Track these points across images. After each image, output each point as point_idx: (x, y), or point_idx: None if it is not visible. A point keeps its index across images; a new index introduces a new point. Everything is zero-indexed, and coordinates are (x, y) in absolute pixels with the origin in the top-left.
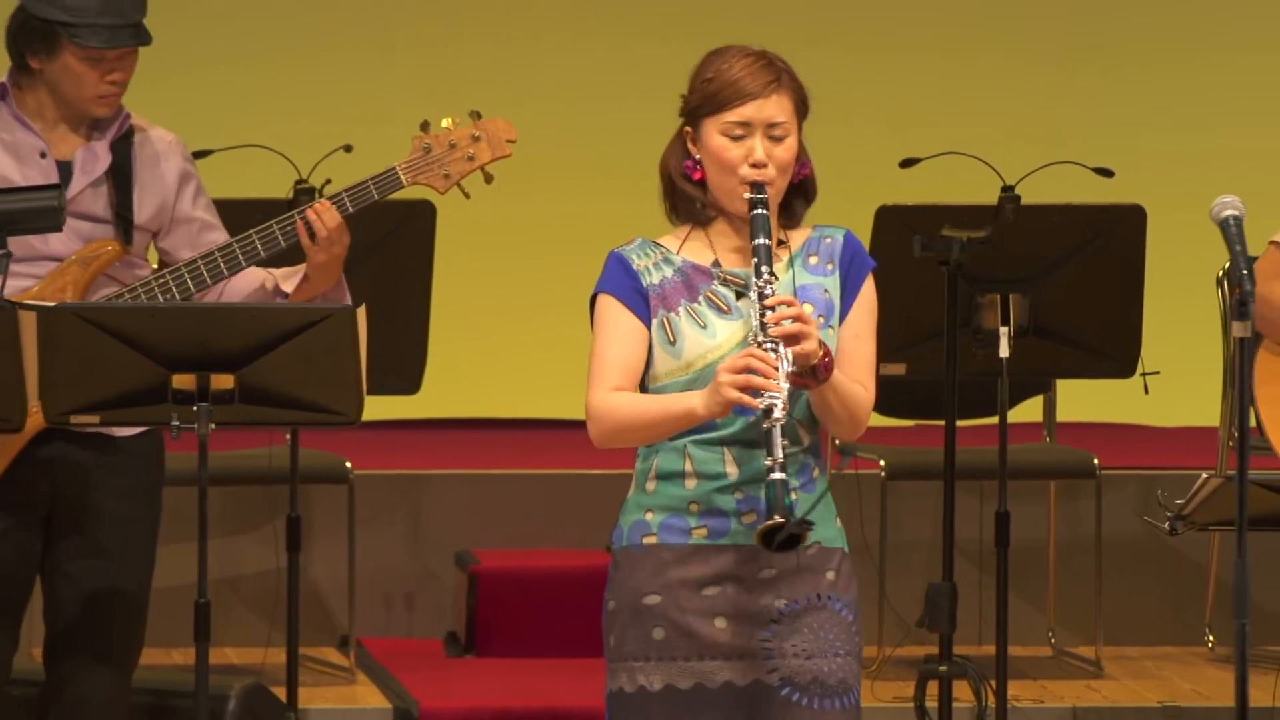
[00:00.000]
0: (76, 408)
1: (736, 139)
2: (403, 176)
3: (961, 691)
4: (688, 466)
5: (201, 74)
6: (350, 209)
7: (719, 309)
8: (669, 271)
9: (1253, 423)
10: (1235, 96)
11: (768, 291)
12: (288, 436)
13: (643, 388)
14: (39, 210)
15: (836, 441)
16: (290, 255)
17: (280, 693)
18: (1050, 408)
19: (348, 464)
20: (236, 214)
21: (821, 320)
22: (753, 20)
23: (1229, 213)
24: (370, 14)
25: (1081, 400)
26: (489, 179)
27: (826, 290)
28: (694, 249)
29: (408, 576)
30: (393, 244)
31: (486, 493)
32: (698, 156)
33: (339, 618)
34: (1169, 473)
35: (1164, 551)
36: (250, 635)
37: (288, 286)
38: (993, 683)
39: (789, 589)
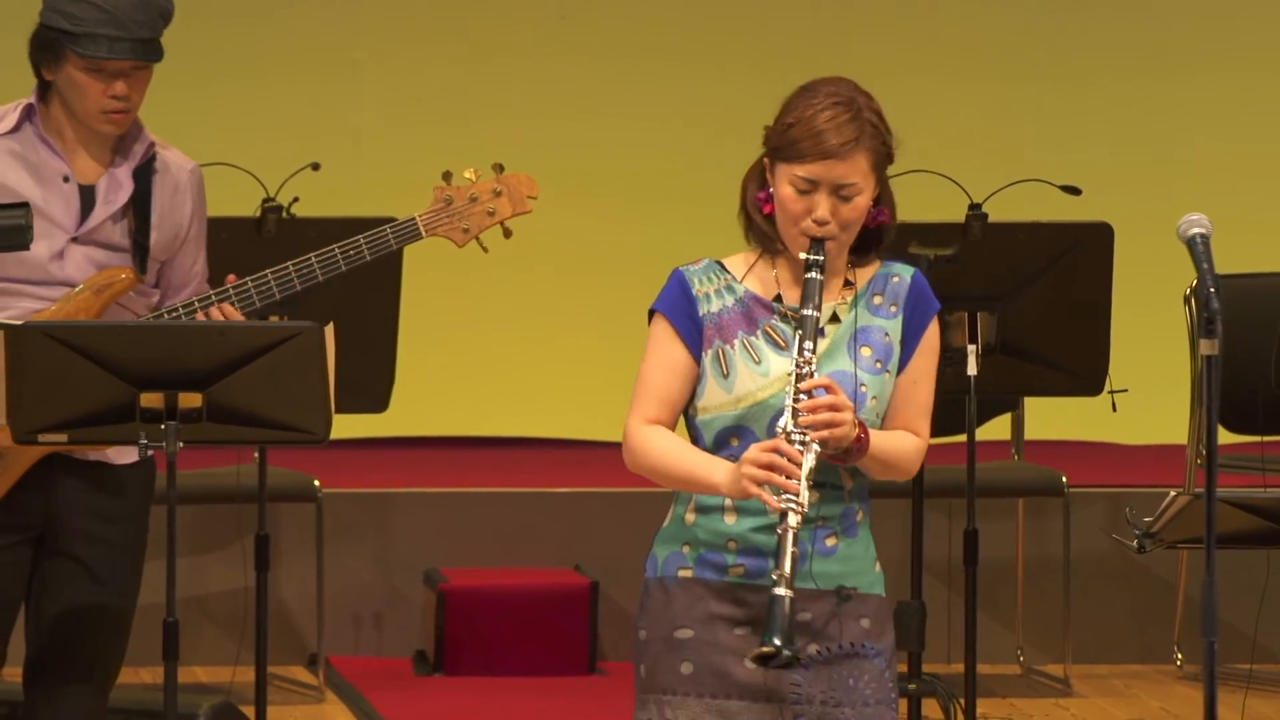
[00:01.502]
0: (44, 426)
1: (803, 192)
2: (422, 229)
3: (931, 710)
4: (729, 501)
5: (169, 92)
6: (368, 257)
7: (776, 344)
8: (730, 300)
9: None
10: (1203, 115)
11: (805, 372)
12: (256, 455)
13: (688, 416)
14: (6, 229)
15: None
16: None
17: (249, 712)
18: (1018, 426)
19: (316, 482)
20: (214, 232)
21: (879, 365)
22: (728, 38)
23: (1196, 230)
24: (338, 33)
25: (1049, 418)
26: (508, 234)
27: (887, 334)
28: (759, 278)
29: (376, 595)
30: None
31: (455, 511)
32: (771, 190)
33: (308, 636)
34: (1137, 490)
35: (1132, 569)
36: (219, 654)
37: None
38: (962, 701)
39: (822, 635)
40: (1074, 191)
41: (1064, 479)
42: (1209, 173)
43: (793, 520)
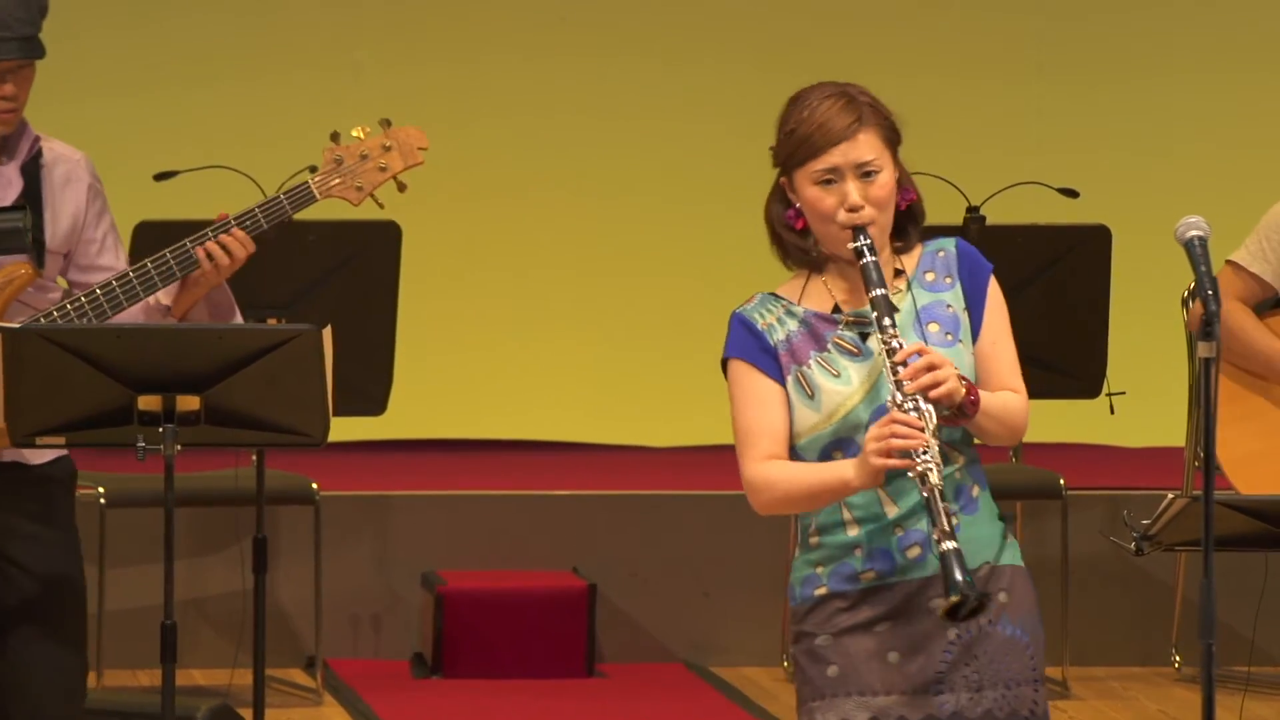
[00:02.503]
0: (42, 429)
1: (829, 186)
2: (315, 190)
3: None
4: (846, 515)
5: (166, 93)
6: (265, 225)
7: (849, 353)
8: (793, 325)
9: None
10: (1201, 117)
11: (895, 345)
12: (254, 457)
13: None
14: (5, 232)
15: None
16: None
17: (247, 714)
18: None
19: (314, 485)
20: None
21: (950, 338)
22: (717, 41)
23: (1194, 233)
24: (336, 34)
25: (1047, 421)
26: (402, 188)
27: (949, 305)
28: (814, 297)
29: (374, 597)
30: (358, 264)
31: (453, 513)
32: (797, 205)
33: (305, 639)
34: (1135, 493)
35: (1130, 572)
36: (217, 657)
37: (168, 300)
38: None
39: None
40: (1072, 194)
41: (1062, 481)
42: (1207, 175)
43: (934, 478)
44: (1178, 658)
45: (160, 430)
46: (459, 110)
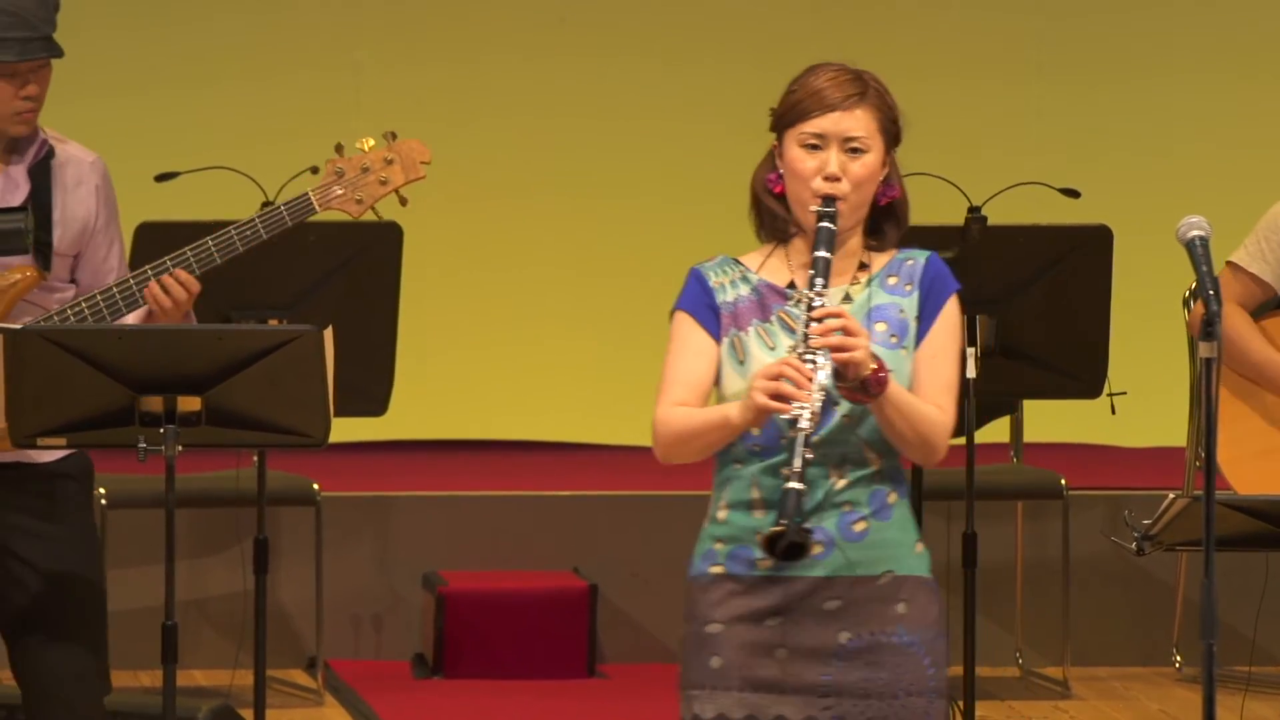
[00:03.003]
0: (44, 430)
1: (812, 149)
2: (316, 203)
3: None
4: (755, 494)
5: (167, 93)
6: (265, 235)
7: (791, 330)
8: (745, 290)
9: None
10: (1202, 117)
11: (817, 303)
12: (255, 458)
13: None
14: (6, 233)
15: None
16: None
17: (248, 715)
18: (1017, 428)
19: (315, 486)
20: (203, 236)
21: (895, 340)
22: (717, 41)
23: (1195, 233)
24: (336, 34)
25: (1048, 421)
26: (404, 202)
27: (902, 310)
28: (773, 268)
29: (375, 598)
30: (359, 265)
31: (454, 514)
32: (781, 170)
33: (307, 640)
34: (1136, 493)
35: (1131, 572)
36: (218, 657)
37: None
38: (960, 704)
39: (854, 622)
40: (1073, 194)
41: (1063, 482)
42: (1208, 175)
43: (804, 423)
44: (1179, 657)
45: (161, 431)
46: (459, 111)
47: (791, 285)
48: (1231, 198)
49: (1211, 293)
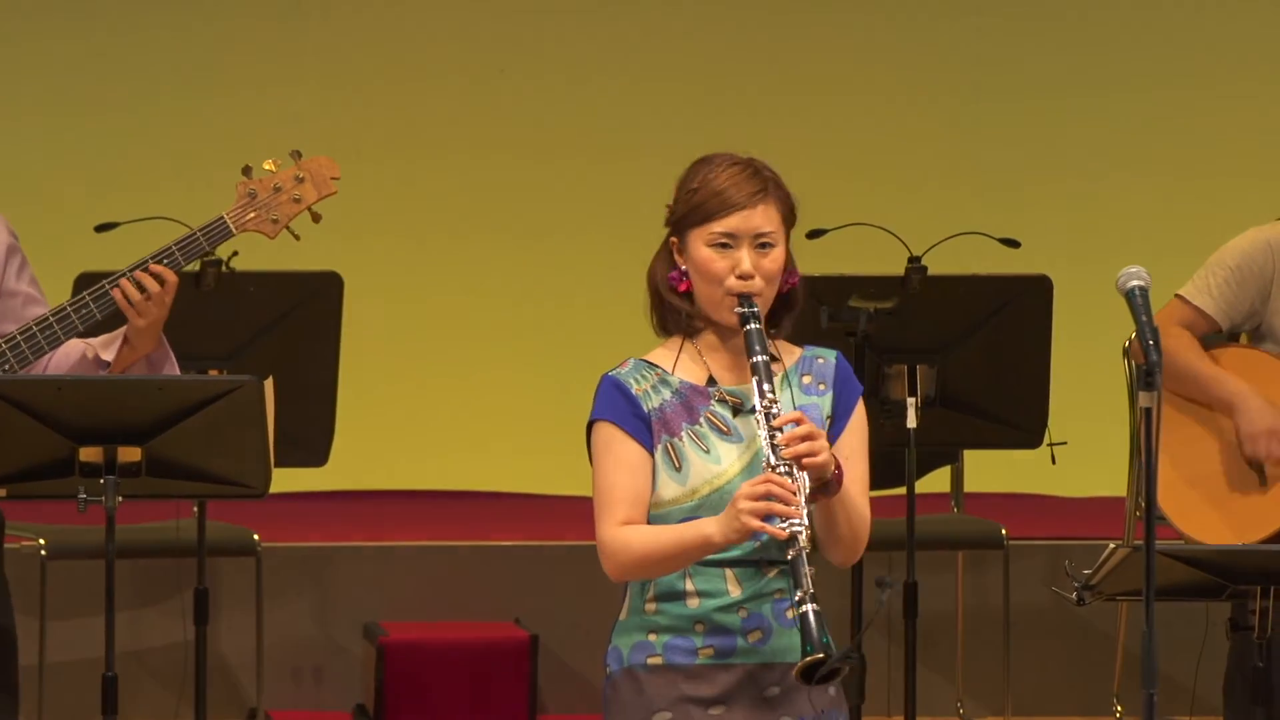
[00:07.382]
0: None
1: (722, 248)
2: (231, 225)
3: None
4: (689, 586)
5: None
6: (182, 263)
7: (720, 430)
8: (667, 394)
9: None
10: (1140, 167)
11: (774, 411)
12: (195, 509)
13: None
14: None
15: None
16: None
17: None
18: (958, 478)
19: (255, 536)
20: None
21: None
22: (652, 78)
23: (1135, 283)
24: (276, 79)
25: (989, 470)
26: (317, 219)
27: (822, 409)
28: (688, 367)
29: (316, 649)
30: (300, 316)
31: (394, 565)
32: (684, 268)
33: (247, 691)
34: (1077, 543)
35: (1072, 622)
36: (158, 709)
37: (108, 355)
38: None
39: (792, 706)
40: (1013, 244)
41: (1004, 531)
42: (1147, 224)
43: (803, 541)
44: (1119, 707)
45: (101, 481)
46: (398, 155)
47: (711, 382)
48: (1171, 247)
49: (1151, 343)
